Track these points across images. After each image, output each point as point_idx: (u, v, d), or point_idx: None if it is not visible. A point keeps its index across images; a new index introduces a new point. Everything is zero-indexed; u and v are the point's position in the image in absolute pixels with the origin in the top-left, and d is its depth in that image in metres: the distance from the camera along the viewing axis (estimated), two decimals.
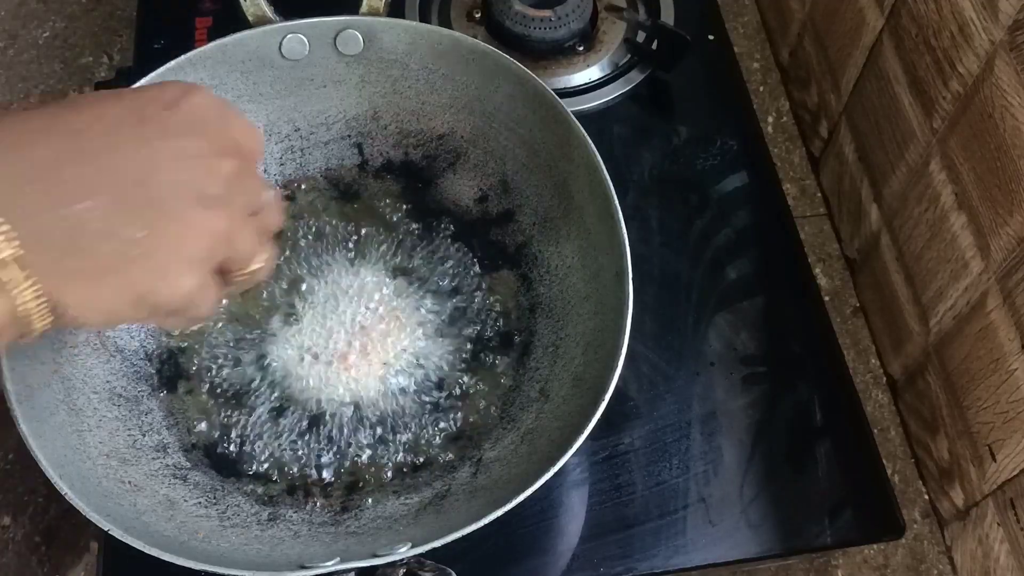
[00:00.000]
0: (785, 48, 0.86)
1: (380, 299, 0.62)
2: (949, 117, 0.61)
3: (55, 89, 0.87)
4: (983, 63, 0.57)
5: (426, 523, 0.54)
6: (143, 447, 0.56)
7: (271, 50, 0.63)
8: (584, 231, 0.61)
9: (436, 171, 0.68)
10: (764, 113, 0.85)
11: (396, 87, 0.66)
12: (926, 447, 0.69)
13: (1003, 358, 0.58)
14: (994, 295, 0.59)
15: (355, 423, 0.59)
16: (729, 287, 0.69)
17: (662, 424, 0.63)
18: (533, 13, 0.76)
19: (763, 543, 0.60)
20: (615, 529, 0.59)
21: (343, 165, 0.68)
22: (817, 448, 0.63)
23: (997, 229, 0.57)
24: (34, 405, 0.51)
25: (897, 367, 0.72)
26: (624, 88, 0.76)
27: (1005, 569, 0.61)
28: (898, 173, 0.69)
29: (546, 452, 0.52)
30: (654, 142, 0.75)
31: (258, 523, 0.55)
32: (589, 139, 0.58)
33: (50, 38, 0.90)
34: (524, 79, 0.62)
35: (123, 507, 0.51)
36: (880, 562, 0.67)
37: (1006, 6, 0.54)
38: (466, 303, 0.63)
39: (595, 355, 0.56)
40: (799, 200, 0.81)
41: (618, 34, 0.79)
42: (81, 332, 0.58)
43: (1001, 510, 0.61)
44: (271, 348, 0.61)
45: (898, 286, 0.70)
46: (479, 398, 0.60)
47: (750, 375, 0.65)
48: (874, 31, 0.70)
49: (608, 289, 0.57)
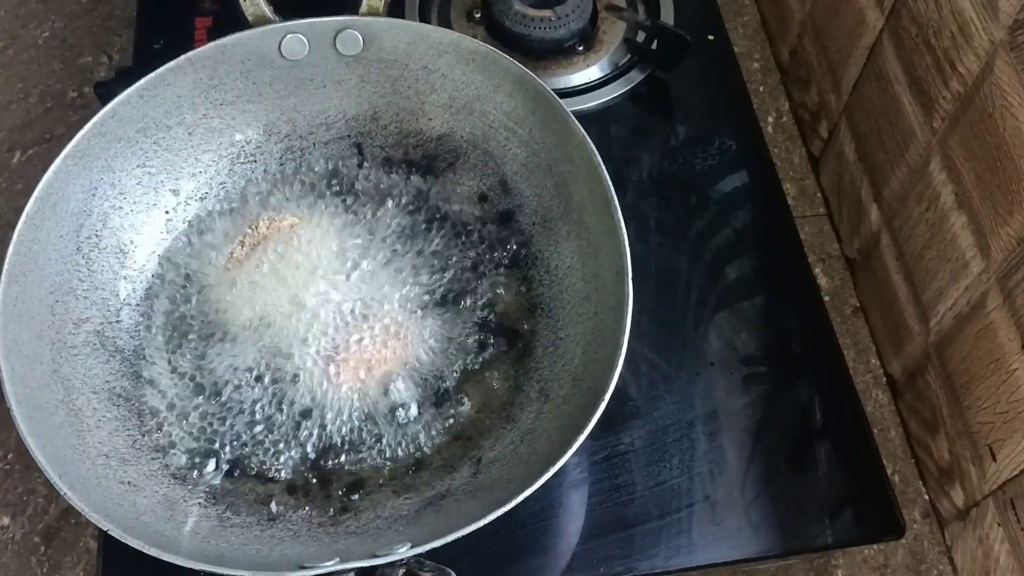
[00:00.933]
0: (785, 48, 0.86)
1: (379, 300, 0.62)
2: (949, 117, 0.61)
3: (54, 89, 0.87)
4: (983, 63, 0.57)
5: (426, 523, 0.54)
6: (143, 447, 0.56)
7: (271, 50, 0.63)
8: (584, 231, 0.61)
9: (436, 171, 0.68)
10: (764, 113, 0.85)
11: (396, 87, 0.66)
12: (926, 447, 0.69)
13: (1003, 358, 0.58)
14: (994, 295, 0.59)
15: (355, 423, 0.59)
16: (729, 287, 0.69)
17: (662, 424, 0.63)
18: (533, 13, 0.76)
19: (763, 543, 0.60)
20: (615, 529, 0.59)
21: (343, 165, 0.68)
22: (817, 448, 0.63)
23: (997, 229, 0.57)
24: (34, 406, 0.51)
25: (897, 367, 0.72)
26: (624, 88, 0.76)
27: (1005, 569, 0.61)
28: (898, 173, 0.69)
29: (546, 452, 0.52)
30: (654, 142, 0.75)
31: (258, 523, 0.55)
32: (589, 139, 0.58)
33: (50, 38, 0.90)
34: (524, 79, 0.62)
35: (123, 507, 0.51)
36: (880, 562, 0.67)
37: (1006, 6, 0.54)
38: (466, 303, 0.63)
39: (595, 355, 0.56)
40: (799, 200, 0.81)
41: (618, 34, 0.78)
42: (81, 332, 0.58)
43: (1001, 510, 0.61)
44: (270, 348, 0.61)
45: (898, 286, 0.70)
46: (479, 398, 0.60)
47: (750, 375, 0.65)
48: (874, 31, 0.70)
49: (608, 289, 0.57)
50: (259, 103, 0.65)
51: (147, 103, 0.61)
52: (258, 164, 0.67)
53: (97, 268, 0.60)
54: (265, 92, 0.65)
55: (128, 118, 0.60)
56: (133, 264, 0.62)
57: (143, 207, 0.63)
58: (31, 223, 0.55)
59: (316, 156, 0.68)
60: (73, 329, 0.57)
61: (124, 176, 0.61)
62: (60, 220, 0.58)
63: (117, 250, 0.61)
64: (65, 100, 0.87)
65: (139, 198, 0.63)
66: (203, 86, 0.63)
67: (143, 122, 0.61)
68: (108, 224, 0.61)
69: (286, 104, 0.66)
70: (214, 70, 0.62)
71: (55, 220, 0.57)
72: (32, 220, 0.55)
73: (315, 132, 0.68)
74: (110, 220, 0.61)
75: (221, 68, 0.62)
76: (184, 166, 0.65)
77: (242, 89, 0.64)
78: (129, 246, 0.62)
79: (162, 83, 0.61)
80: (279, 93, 0.65)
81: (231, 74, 0.63)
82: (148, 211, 0.63)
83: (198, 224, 0.65)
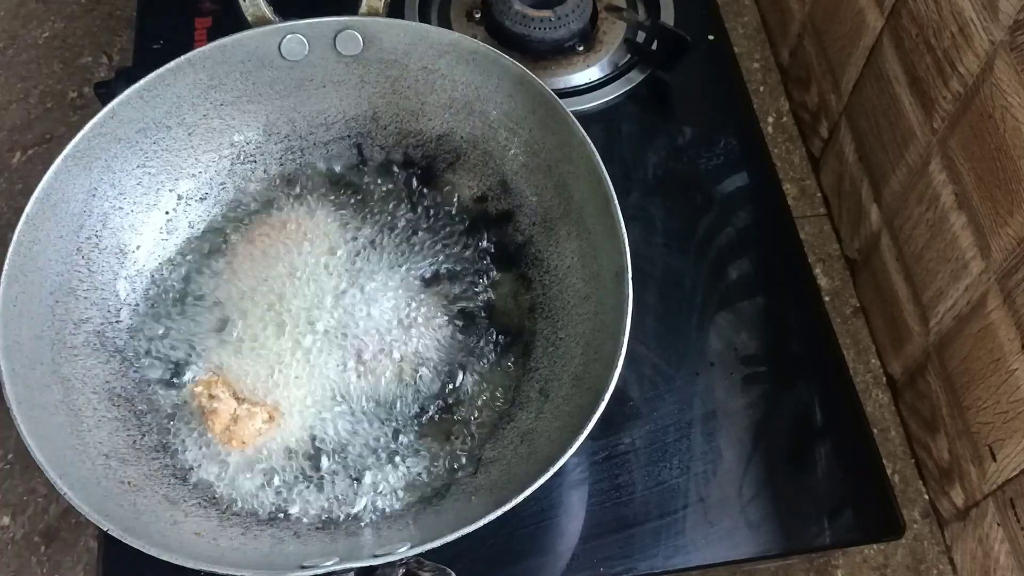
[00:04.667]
0: (785, 48, 0.86)
1: (378, 300, 0.62)
2: (949, 117, 0.61)
3: (55, 89, 0.87)
4: (983, 63, 0.57)
5: (426, 523, 0.54)
6: (143, 447, 0.56)
7: (270, 50, 0.63)
8: (584, 231, 0.61)
9: (436, 171, 0.68)
10: (764, 113, 0.85)
11: (395, 87, 0.66)
12: (926, 447, 0.69)
13: (1003, 358, 0.58)
14: (994, 295, 0.59)
15: (354, 423, 0.59)
16: (729, 287, 0.69)
17: (662, 424, 0.63)
18: (533, 13, 0.76)
19: (763, 543, 0.60)
20: (615, 529, 0.59)
21: (343, 165, 0.68)
22: (817, 448, 0.63)
23: (997, 229, 0.57)
24: (34, 406, 0.51)
25: (897, 367, 0.72)
26: (624, 88, 0.76)
27: (1005, 569, 0.61)
28: (898, 173, 0.69)
29: (546, 452, 0.52)
30: (654, 142, 0.75)
31: (258, 523, 0.55)
32: (589, 139, 0.58)
33: (50, 38, 0.90)
34: (524, 79, 0.62)
35: (123, 507, 0.51)
36: (880, 562, 0.67)
37: (1006, 6, 0.54)
38: (466, 303, 0.63)
39: (595, 355, 0.56)
40: (799, 200, 0.81)
41: (618, 34, 0.78)
42: (81, 332, 0.58)
43: (1001, 510, 0.61)
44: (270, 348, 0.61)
45: (898, 286, 0.70)
46: (479, 398, 0.60)
47: (750, 375, 0.65)
48: (874, 31, 0.70)
49: (608, 289, 0.57)
50: (259, 103, 0.65)
51: (147, 103, 0.61)
52: (258, 164, 0.67)
53: (97, 268, 0.60)
54: (265, 92, 0.65)
55: (128, 118, 0.60)
56: (133, 264, 0.62)
57: (143, 207, 0.63)
58: (31, 223, 0.55)
59: (316, 156, 0.68)
60: (73, 329, 0.57)
61: (124, 177, 0.61)
62: (60, 220, 0.58)
63: (117, 250, 0.61)
64: (65, 100, 0.87)
65: (139, 198, 0.63)
66: (203, 86, 0.63)
67: (143, 122, 0.61)
68: (108, 224, 0.61)
69: (286, 104, 0.66)
70: (214, 70, 0.62)
71: (55, 220, 0.57)
72: (32, 220, 0.55)
73: (315, 132, 0.68)
74: (110, 220, 0.61)
75: (221, 68, 0.62)
76: (184, 166, 0.65)
77: (242, 89, 0.64)
78: (129, 246, 0.62)
79: (162, 83, 0.61)
80: (279, 93, 0.65)
81: (231, 74, 0.63)
82: (148, 211, 0.63)
83: (198, 224, 0.65)
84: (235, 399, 0.59)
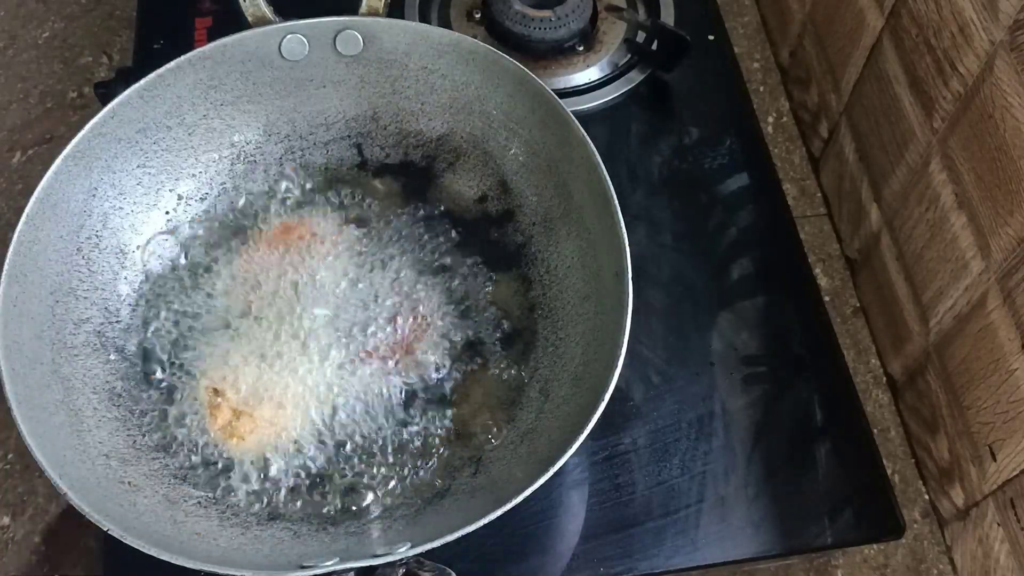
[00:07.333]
0: (785, 48, 0.86)
1: (378, 300, 0.62)
2: (949, 117, 0.61)
3: (55, 89, 0.87)
4: (983, 63, 0.57)
5: (426, 523, 0.54)
6: (143, 447, 0.56)
7: (271, 50, 0.63)
8: (584, 231, 0.61)
9: (436, 171, 0.68)
10: (764, 113, 0.85)
11: (395, 87, 0.66)
12: (926, 447, 0.69)
13: (1003, 358, 0.58)
14: (994, 295, 0.59)
15: (354, 423, 0.59)
16: (729, 287, 0.69)
17: (662, 424, 0.63)
18: (533, 13, 0.76)
19: (763, 543, 0.60)
20: (615, 529, 0.59)
21: (343, 165, 0.68)
22: (817, 448, 0.63)
23: (997, 229, 0.57)
24: (34, 406, 0.51)
25: (897, 367, 0.72)
26: (624, 88, 0.76)
27: (1005, 569, 0.61)
28: (898, 173, 0.69)
29: (546, 452, 0.52)
30: (654, 143, 0.75)
31: (258, 523, 0.55)
32: (589, 139, 0.58)
33: (50, 38, 0.90)
34: (524, 79, 0.62)
35: (123, 507, 0.51)
36: (880, 562, 0.67)
37: (1006, 6, 0.54)
38: (466, 303, 0.63)
39: (595, 355, 0.56)
40: (799, 200, 0.81)
41: (618, 34, 0.79)
42: (81, 332, 0.58)
43: (1001, 510, 0.61)
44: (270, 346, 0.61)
45: (898, 286, 0.70)
46: (479, 398, 0.60)
47: (750, 375, 0.65)
48: (874, 31, 0.70)
49: (608, 289, 0.57)
50: (259, 103, 0.65)
51: (147, 103, 0.61)
52: (258, 164, 0.67)
53: (97, 268, 0.60)
54: (265, 92, 0.65)
55: (128, 118, 0.60)
56: (133, 264, 0.62)
57: (143, 207, 0.63)
58: (31, 223, 0.55)
59: (316, 156, 0.68)
60: (73, 329, 0.57)
61: (124, 176, 0.61)
62: (60, 220, 0.58)
63: (117, 250, 0.61)
64: (65, 100, 0.87)
65: (139, 198, 0.63)
66: (203, 86, 0.63)
67: (143, 122, 0.61)
68: (108, 224, 0.61)
69: (286, 104, 0.66)
70: (214, 70, 0.62)
71: (55, 220, 0.57)
72: (32, 220, 0.55)
73: (315, 132, 0.68)
74: (110, 220, 0.61)
75: (221, 68, 0.62)
76: (184, 166, 0.65)
77: (242, 89, 0.64)
78: (129, 246, 0.62)
79: (162, 83, 0.61)
80: (279, 93, 0.65)
81: (231, 74, 0.63)
82: (148, 211, 0.63)
83: (198, 224, 0.65)
84: (236, 397, 0.59)
